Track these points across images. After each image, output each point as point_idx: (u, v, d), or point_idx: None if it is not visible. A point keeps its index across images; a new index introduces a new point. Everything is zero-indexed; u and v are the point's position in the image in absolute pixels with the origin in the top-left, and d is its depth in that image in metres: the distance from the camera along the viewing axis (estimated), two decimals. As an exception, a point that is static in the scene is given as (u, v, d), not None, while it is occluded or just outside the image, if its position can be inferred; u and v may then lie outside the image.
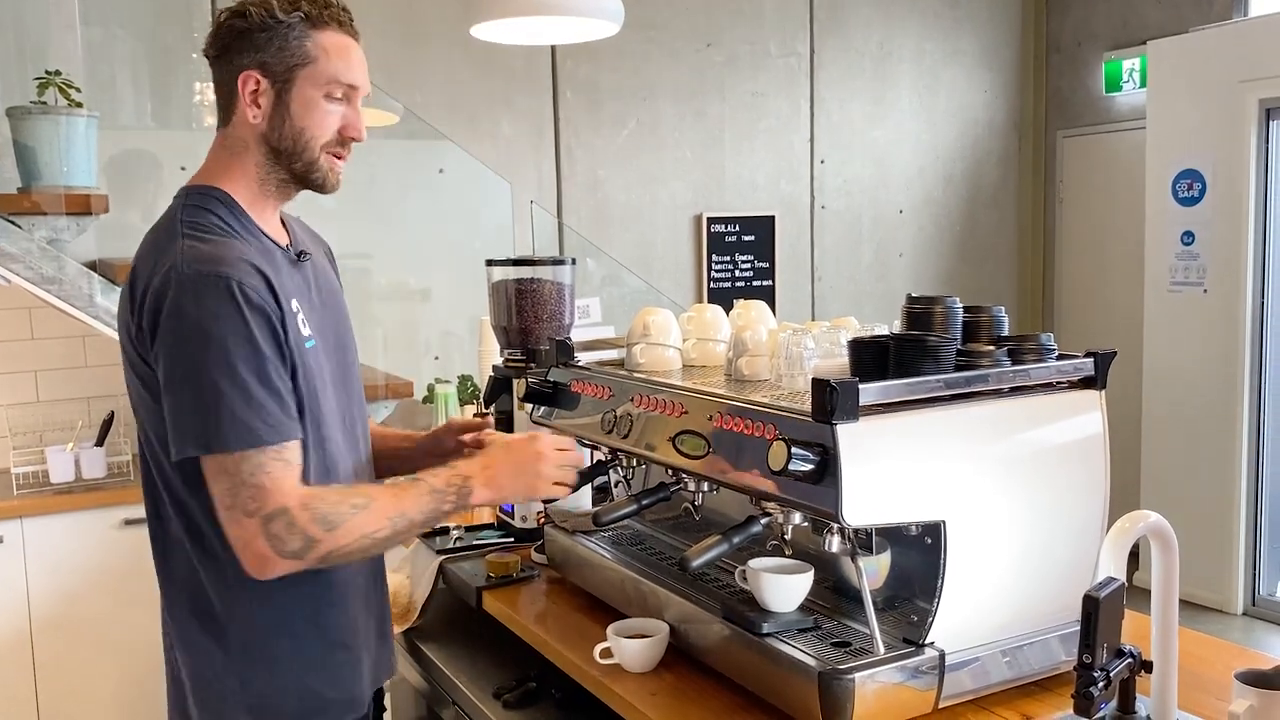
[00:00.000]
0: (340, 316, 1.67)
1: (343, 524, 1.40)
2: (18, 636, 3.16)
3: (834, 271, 5.50)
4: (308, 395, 1.48)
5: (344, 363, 1.63)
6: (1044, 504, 1.51)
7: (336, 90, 1.51)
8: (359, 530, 1.41)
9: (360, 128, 1.54)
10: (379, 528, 1.43)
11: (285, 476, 1.39)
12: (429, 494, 1.47)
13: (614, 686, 1.63)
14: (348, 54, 1.52)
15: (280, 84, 1.49)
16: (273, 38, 1.47)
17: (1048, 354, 1.56)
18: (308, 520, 1.38)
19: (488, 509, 2.67)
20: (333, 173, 1.55)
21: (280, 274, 1.49)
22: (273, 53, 1.47)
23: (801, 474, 1.35)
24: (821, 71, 5.32)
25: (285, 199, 1.59)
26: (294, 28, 1.47)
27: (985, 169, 5.84)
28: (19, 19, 3.65)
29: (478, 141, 4.50)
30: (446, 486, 1.49)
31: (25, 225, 3.19)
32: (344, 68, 1.51)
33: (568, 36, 3.03)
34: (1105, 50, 5.56)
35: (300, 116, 1.50)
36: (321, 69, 1.49)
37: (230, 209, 1.51)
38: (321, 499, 1.41)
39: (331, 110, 1.51)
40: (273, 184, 1.55)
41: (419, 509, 1.46)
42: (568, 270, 2.39)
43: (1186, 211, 4.87)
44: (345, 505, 1.41)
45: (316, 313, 1.57)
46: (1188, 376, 4.91)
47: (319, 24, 1.49)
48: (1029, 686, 1.53)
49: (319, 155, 1.52)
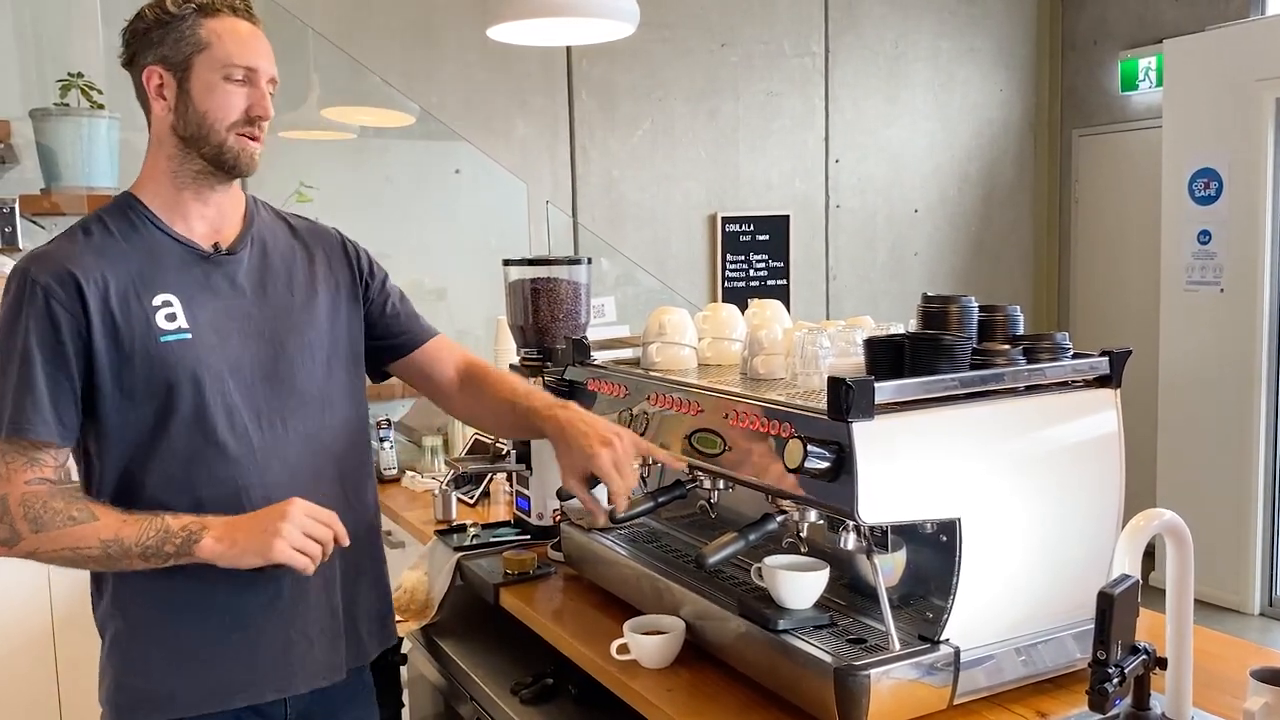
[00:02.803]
0: (288, 313, 1.66)
1: (52, 530, 1.46)
2: (40, 633, 3.19)
3: (848, 270, 5.49)
4: (161, 390, 1.53)
5: (271, 358, 1.63)
6: (1059, 502, 1.52)
7: (235, 73, 1.55)
8: (66, 541, 1.47)
9: (265, 106, 1.58)
10: (89, 546, 1.47)
11: (20, 470, 1.48)
12: (157, 532, 1.47)
13: (630, 682, 1.64)
14: (242, 37, 1.57)
15: (180, 74, 1.55)
16: (168, 32, 1.54)
17: (1063, 353, 1.57)
18: (19, 515, 1.46)
19: (504, 506, 2.70)
20: (244, 153, 1.58)
21: (147, 268, 1.56)
22: (170, 45, 1.54)
23: (817, 472, 1.36)
24: (836, 70, 5.32)
25: (207, 189, 1.61)
26: (187, 19, 1.54)
27: (1000, 168, 5.83)
28: (41, 21, 3.69)
29: (493, 142, 4.52)
30: (180, 531, 1.47)
31: (47, 226, 3.22)
32: (238, 50, 1.56)
33: (583, 37, 3.04)
34: (1121, 49, 5.54)
35: (201, 101, 1.55)
36: (216, 53, 1.54)
37: (127, 209, 1.60)
38: (44, 502, 1.47)
39: (233, 92, 1.56)
40: (188, 175, 1.59)
41: (139, 541, 1.46)
42: (584, 270, 2.41)
43: (1203, 210, 4.85)
44: (64, 515, 1.47)
45: (229, 306, 1.60)
46: (1204, 376, 4.89)
47: (211, 12, 1.55)
48: (1044, 684, 1.53)
49: (226, 136, 1.56)
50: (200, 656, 1.59)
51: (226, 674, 1.60)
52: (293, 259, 1.71)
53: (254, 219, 1.70)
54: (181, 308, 1.56)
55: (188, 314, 1.56)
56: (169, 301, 1.56)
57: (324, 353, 1.69)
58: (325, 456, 1.67)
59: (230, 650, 1.59)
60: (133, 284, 1.54)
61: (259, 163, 1.62)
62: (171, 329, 1.55)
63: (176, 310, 1.56)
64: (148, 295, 1.54)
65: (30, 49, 3.70)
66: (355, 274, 1.78)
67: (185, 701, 1.59)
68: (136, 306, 1.53)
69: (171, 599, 1.58)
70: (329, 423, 1.68)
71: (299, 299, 1.68)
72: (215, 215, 1.64)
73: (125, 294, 1.53)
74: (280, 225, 1.75)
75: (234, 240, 1.65)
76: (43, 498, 1.48)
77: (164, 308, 1.55)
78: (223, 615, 1.59)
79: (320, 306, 1.70)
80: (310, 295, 1.70)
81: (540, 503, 2.33)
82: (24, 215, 3.16)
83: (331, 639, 1.68)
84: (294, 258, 1.72)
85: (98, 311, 1.51)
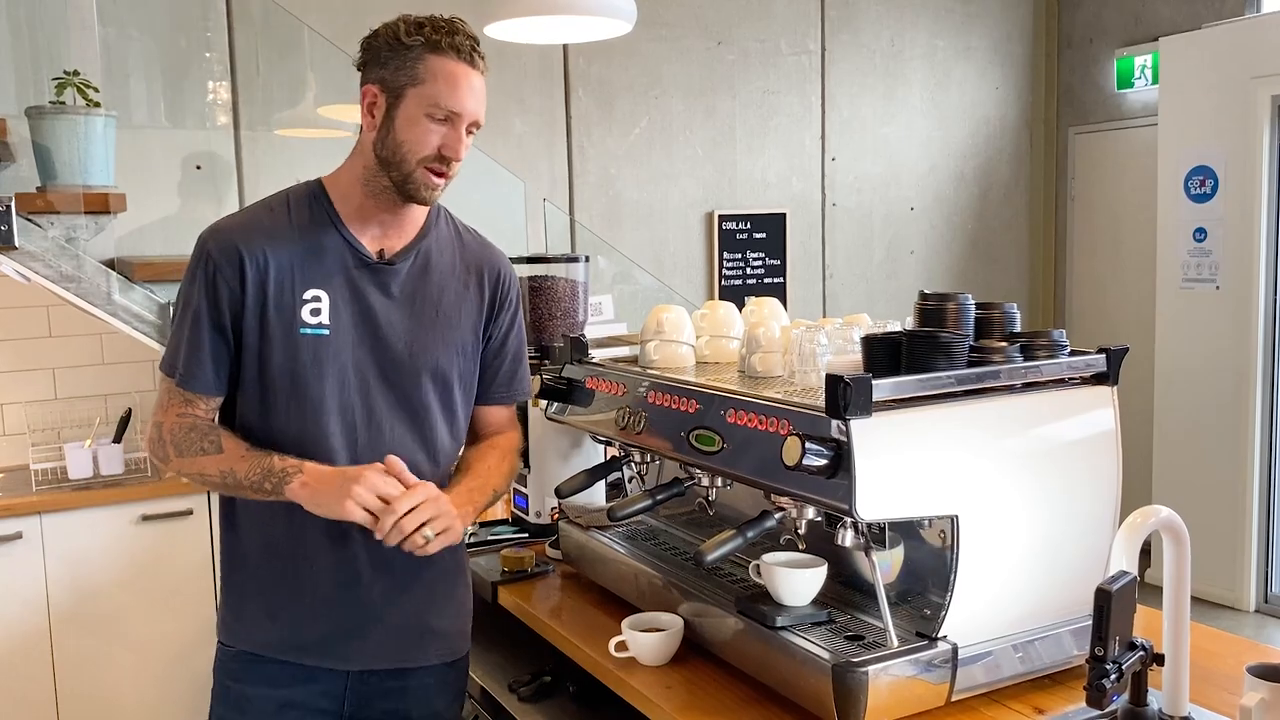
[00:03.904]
0: (430, 328, 1.74)
1: (187, 456, 1.66)
2: (37, 632, 3.19)
3: (845, 269, 5.50)
4: (288, 374, 1.66)
5: (397, 367, 1.72)
6: (1056, 499, 1.52)
7: (439, 113, 1.62)
8: (197, 467, 1.66)
9: (456, 149, 1.65)
10: (211, 473, 1.65)
11: (177, 405, 1.68)
12: (261, 470, 1.62)
13: (629, 680, 1.65)
14: (456, 81, 1.63)
15: (392, 99, 1.64)
16: (394, 57, 1.63)
17: (1060, 350, 1.57)
18: (169, 440, 1.68)
19: (502, 505, 2.70)
20: (426, 187, 1.66)
21: (309, 260, 1.67)
22: (391, 70, 1.63)
23: (815, 469, 1.36)
24: (832, 69, 5.33)
25: (388, 205, 1.71)
26: (413, 49, 1.62)
27: (996, 166, 5.83)
28: (37, 19, 3.68)
29: (491, 140, 4.52)
30: (279, 471, 1.61)
31: (43, 224, 3.22)
32: (448, 93, 1.62)
33: (580, 35, 3.04)
34: (1117, 47, 5.55)
35: (402, 130, 1.63)
36: (428, 91, 1.62)
37: (313, 199, 1.72)
38: (186, 431, 1.67)
39: (432, 130, 1.63)
40: (375, 189, 1.69)
41: (246, 474, 1.62)
42: (581, 268, 2.41)
43: (1199, 208, 4.86)
44: (199, 444, 1.66)
45: (375, 311, 1.70)
46: (1200, 373, 4.90)
47: (437, 50, 1.62)
48: (1041, 680, 1.54)
49: (415, 169, 1.64)
50: (277, 609, 1.73)
51: (295, 632, 1.72)
52: (450, 278, 1.79)
53: (430, 231, 1.78)
54: (328, 304, 1.67)
55: (332, 312, 1.67)
56: (318, 297, 1.67)
57: (446, 376, 1.77)
58: (425, 466, 1.73)
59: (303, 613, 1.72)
60: (291, 272, 1.66)
61: (439, 197, 1.71)
62: (313, 323, 1.66)
63: (323, 306, 1.67)
64: (301, 286, 1.66)
65: (26, 47, 3.69)
66: (491, 314, 1.83)
67: (263, 641, 1.74)
68: (289, 294, 1.66)
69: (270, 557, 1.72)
70: (429, 438, 1.75)
71: (443, 317, 1.76)
72: (391, 223, 1.74)
73: (281, 280, 1.66)
74: (454, 241, 1.83)
75: (400, 250, 1.74)
76: (187, 428, 1.67)
77: (312, 301, 1.67)
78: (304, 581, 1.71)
79: (457, 333, 1.78)
80: (453, 320, 1.77)
81: (538, 501, 2.33)
82: (20, 214, 3.16)
83: (393, 633, 1.75)
84: (452, 276, 1.79)
85: (254, 289, 1.65)
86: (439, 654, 1.81)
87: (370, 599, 1.73)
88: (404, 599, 1.75)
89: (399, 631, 1.76)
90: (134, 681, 3.30)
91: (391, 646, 1.75)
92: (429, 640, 1.79)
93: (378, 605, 1.73)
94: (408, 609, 1.75)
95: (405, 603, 1.75)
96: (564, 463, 2.27)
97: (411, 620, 1.76)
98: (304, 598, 1.72)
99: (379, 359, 1.70)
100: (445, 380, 1.76)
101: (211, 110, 4.03)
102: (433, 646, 1.79)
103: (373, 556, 1.70)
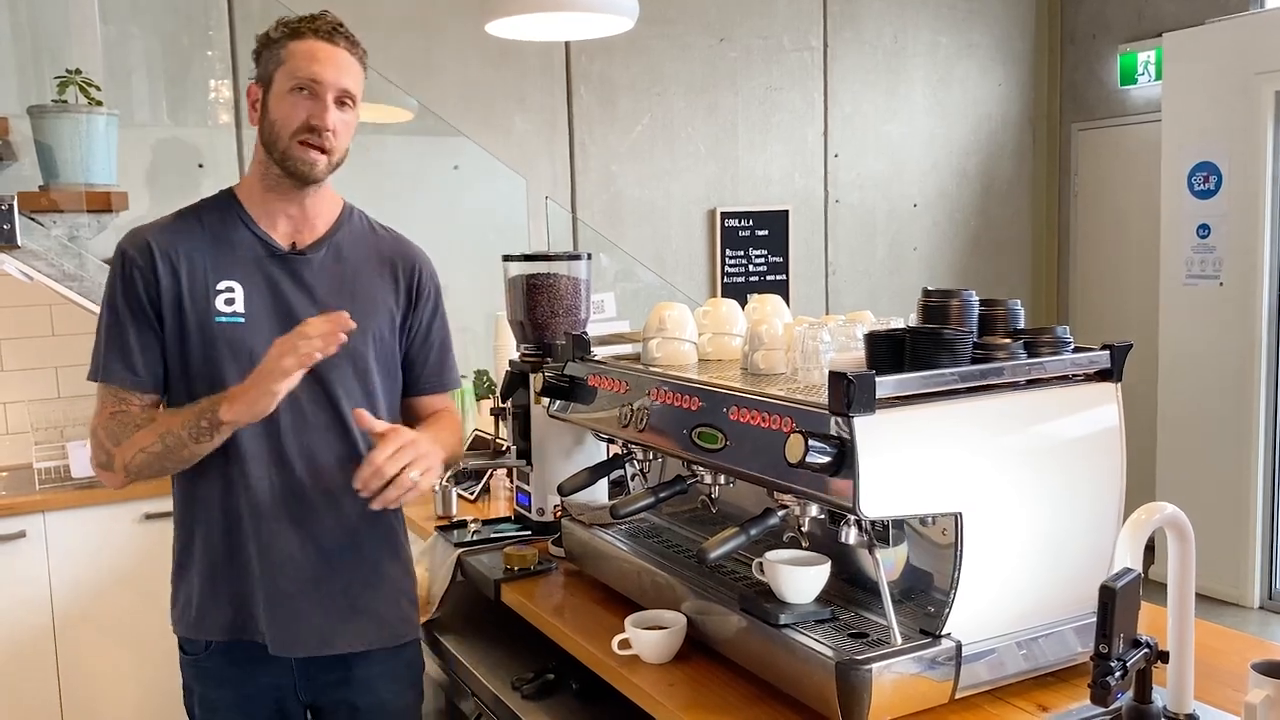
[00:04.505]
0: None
1: (124, 440, 1.70)
2: (40, 630, 3.20)
3: (848, 265, 5.49)
4: (208, 363, 1.74)
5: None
6: (1060, 496, 1.52)
7: (300, 84, 1.71)
8: (136, 444, 1.69)
9: (324, 117, 1.72)
10: (152, 443, 1.69)
11: (109, 406, 1.75)
12: (193, 414, 1.67)
13: (632, 677, 1.64)
14: (314, 53, 1.73)
15: (265, 88, 1.75)
16: (266, 54, 1.76)
17: (1063, 347, 1.57)
18: (105, 437, 1.73)
19: (505, 502, 2.70)
20: (304, 162, 1.74)
21: (221, 254, 1.76)
22: (264, 65, 1.76)
23: (818, 466, 1.36)
24: (835, 65, 5.32)
25: (287, 194, 1.80)
26: (279, 40, 1.74)
27: (999, 162, 5.83)
28: (39, 18, 3.68)
29: (492, 138, 4.51)
30: (208, 407, 1.66)
31: (46, 223, 3.22)
32: (306, 64, 1.72)
33: (582, 32, 3.03)
34: (1120, 43, 5.54)
35: (274, 110, 1.74)
36: (289, 67, 1.72)
37: (223, 203, 1.82)
38: (119, 421, 1.73)
39: (298, 103, 1.72)
40: (272, 179, 1.78)
41: (184, 425, 1.67)
42: (583, 265, 2.40)
43: (1202, 204, 4.85)
44: (131, 425, 1.72)
45: (289, 300, 1.77)
46: (1204, 370, 4.89)
47: (298, 35, 1.74)
48: (1045, 677, 1.54)
49: (289, 144, 1.73)
50: (221, 594, 1.80)
51: (236, 615, 1.79)
52: (365, 267, 1.87)
53: (342, 226, 1.87)
54: (242, 295, 1.76)
55: (247, 301, 1.76)
56: (232, 288, 1.76)
57: (363, 361, 1.83)
58: (345, 450, 1.81)
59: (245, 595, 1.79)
60: (204, 265, 1.76)
61: (325, 172, 1.77)
62: (228, 311, 1.75)
63: (237, 296, 1.76)
64: (214, 278, 1.76)
65: (28, 46, 3.69)
66: (409, 304, 1.91)
67: (211, 627, 1.81)
68: (202, 285, 1.75)
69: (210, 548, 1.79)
70: (349, 423, 1.80)
71: (358, 305, 1.80)
72: (300, 216, 1.82)
73: (194, 273, 1.75)
74: (369, 238, 1.91)
75: (312, 243, 1.83)
76: (118, 419, 1.74)
77: (225, 292, 1.75)
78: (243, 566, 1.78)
79: (373, 319, 1.85)
80: (368, 307, 1.84)
81: (541, 498, 2.33)
82: (22, 212, 3.16)
83: (326, 615, 1.81)
84: (366, 266, 1.87)
85: (168, 282, 1.73)
86: (378, 639, 1.86)
87: (302, 580, 1.79)
88: (333, 578, 1.81)
89: (331, 613, 1.81)
90: (137, 678, 3.30)
91: (327, 630, 1.81)
92: (362, 623, 1.84)
93: (309, 587, 1.79)
94: (335, 588, 1.82)
95: (334, 582, 1.82)
96: (566, 460, 2.27)
97: (340, 601, 1.82)
98: (245, 582, 1.78)
99: None
100: (364, 366, 1.83)
101: (213, 108, 4.03)
102: (368, 630, 1.85)
103: (304, 536, 1.77)
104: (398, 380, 1.92)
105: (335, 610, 1.82)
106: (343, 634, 1.83)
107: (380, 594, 1.87)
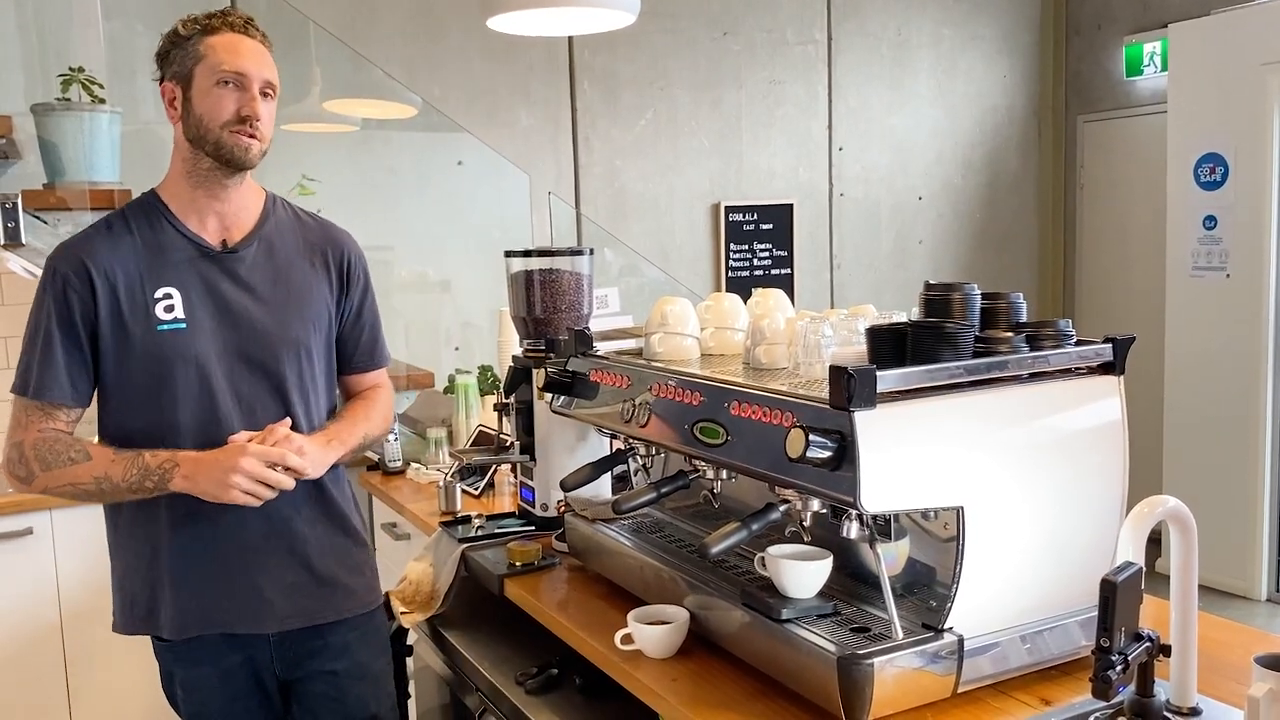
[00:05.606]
0: (281, 308, 1.86)
1: (55, 469, 1.74)
2: (48, 627, 3.21)
3: (853, 259, 5.48)
4: (151, 373, 1.76)
5: (259, 348, 1.83)
6: (1063, 489, 1.51)
7: (225, 77, 1.75)
8: (67, 478, 1.74)
9: (254, 108, 1.76)
10: (85, 482, 1.73)
11: (37, 421, 1.76)
12: (138, 470, 1.71)
13: (635, 672, 1.65)
14: (234, 46, 1.77)
15: (185, 85, 1.78)
16: (178, 52, 1.78)
17: (1066, 340, 1.56)
18: (32, 457, 1.75)
19: (509, 497, 2.71)
20: (238, 148, 1.77)
21: (154, 261, 1.78)
22: (178, 62, 1.78)
23: (820, 461, 1.36)
24: (839, 58, 5.30)
25: (218, 185, 1.82)
26: (192, 38, 1.77)
27: (1004, 155, 5.81)
28: (43, 16, 3.68)
29: (496, 133, 4.51)
30: (156, 469, 1.71)
31: (50, 221, 3.23)
32: (229, 57, 1.75)
33: (585, 27, 3.03)
34: (1126, 34, 5.51)
35: (199, 105, 1.76)
36: (210, 62, 1.76)
37: (148, 206, 1.83)
38: (50, 445, 1.74)
39: (225, 95, 1.75)
40: (200, 174, 1.80)
41: (124, 477, 1.72)
42: (586, 261, 2.41)
43: (1208, 196, 4.83)
44: (65, 455, 1.74)
45: (227, 299, 1.81)
46: (1210, 362, 4.87)
47: (211, 30, 1.77)
48: (1048, 671, 1.53)
49: (221, 133, 1.75)
50: (178, 589, 1.83)
51: (200, 606, 1.84)
52: (297, 257, 1.91)
53: (268, 219, 1.90)
54: (180, 300, 1.78)
55: (185, 306, 1.78)
56: (169, 294, 1.78)
57: (306, 348, 1.89)
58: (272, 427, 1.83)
59: (206, 586, 1.83)
60: (140, 276, 1.77)
61: (259, 157, 1.80)
62: (168, 319, 1.77)
63: (175, 302, 1.78)
64: (151, 287, 1.77)
65: (32, 44, 3.70)
66: (342, 290, 1.96)
67: (170, 625, 1.85)
68: (140, 297, 1.76)
69: (157, 540, 1.83)
70: (295, 413, 1.86)
71: (295, 295, 1.87)
72: (227, 212, 1.85)
73: (131, 285, 1.76)
74: (295, 226, 1.95)
75: (242, 239, 1.85)
76: (50, 442, 1.75)
77: (164, 299, 1.77)
78: (198, 556, 1.82)
79: (311, 308, 1.90)
80: (305, 297, 1.89)
81: (545, 494, 2.33)
82: (27, 210, 3.17)
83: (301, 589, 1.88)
84: (298, 255, 1.91)
85: (105, 299, 1.74)
86: (348, 608, 1.93)
87: (260, 563, 1.85)
88: (290, 556, 1.87)
89: (295, 590, 1.88)
90: (145, 675, 3.30)
91: (292, 606, 1.87)
92: (328, 593, 1.90)
93: (266, 568, 1.85)
94: (294, 563, 1.88)
95: (290, 558, 1.87)
96: (569, 456, 2.28)
97: (303, 575, 1.88)
98: (203, 567, 1.83)
99: (240, 343, 1.81)
100: (307, 354, 1.88)
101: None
102: (337, 600, 1.92)
103: (259, 517, 1.81)
104: (334, 362, 1.99)
105: (300, 586, 1.88)
106: (307, 609, 1.89)
107: (337, 563, 1.93)
